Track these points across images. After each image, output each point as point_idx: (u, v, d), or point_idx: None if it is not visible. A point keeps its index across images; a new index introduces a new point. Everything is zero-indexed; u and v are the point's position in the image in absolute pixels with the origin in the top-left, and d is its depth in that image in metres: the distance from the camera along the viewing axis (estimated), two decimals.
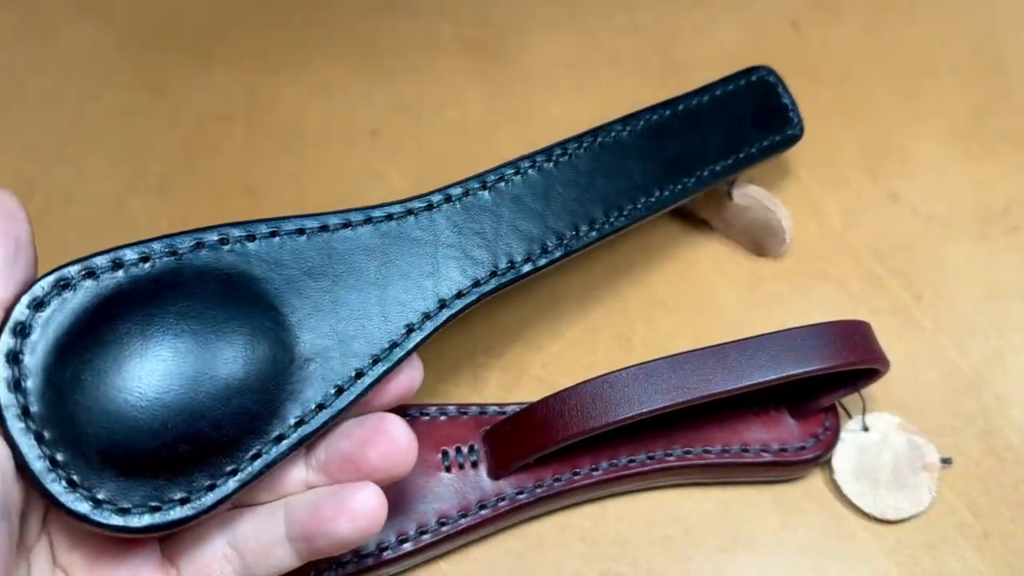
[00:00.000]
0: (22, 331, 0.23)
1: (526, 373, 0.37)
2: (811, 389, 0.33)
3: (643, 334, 0.38)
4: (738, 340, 0.30)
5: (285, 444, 0.25)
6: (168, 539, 0.25)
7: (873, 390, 0.36)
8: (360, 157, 0.44)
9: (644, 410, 0.29)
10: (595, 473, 0.32)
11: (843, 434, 0.34)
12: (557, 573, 0.32)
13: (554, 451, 0.31)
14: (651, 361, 0.30)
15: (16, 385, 0.22)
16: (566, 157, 0.33)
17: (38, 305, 0.23)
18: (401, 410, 0.33)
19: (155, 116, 0.45)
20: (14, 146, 0.44)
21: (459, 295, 0.29)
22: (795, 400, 0.34)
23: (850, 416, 0.35)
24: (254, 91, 0.46)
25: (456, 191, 0.30)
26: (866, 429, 0.34)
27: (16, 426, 0.22)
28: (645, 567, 0.32)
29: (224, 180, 0.43)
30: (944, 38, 0.49)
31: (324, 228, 0.28)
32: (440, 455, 0.32)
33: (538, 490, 0.31)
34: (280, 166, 0.43)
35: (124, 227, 0.41)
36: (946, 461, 0.34)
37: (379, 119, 0.45)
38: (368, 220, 0.29)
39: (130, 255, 0.25)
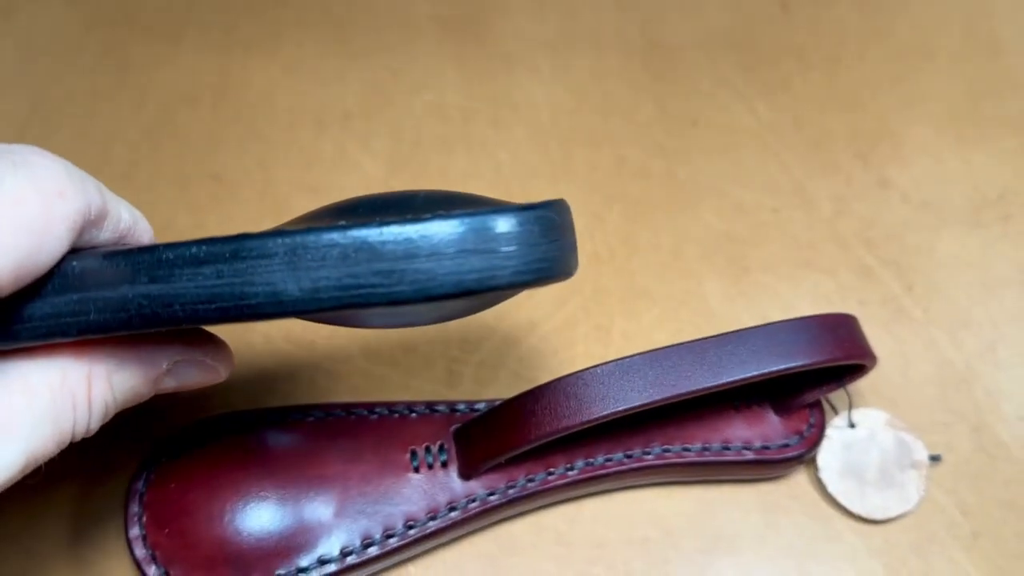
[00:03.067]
0: None
1: (503, 367, 0.36)
2: (795, 385, 0.32)
3: (623, 326, 0.37)
4: (718, 335, 0.29)
5: None
6: None
7: (861, 384, 0.35)
8: (332, 141, 0.42)
9: (619, 408, 0.28)
10: (570, 473, 0.31)
11: (829, 431, 0.33)
12: None
13: (527, 451, 0.30)
14: (627, 357, 0.28)
15: None
16: None
17: None
18: (368, 408, 0.32)
19: (120, 99, 0.43)
20: None
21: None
22: (778, 396, 0.32)
23: (836, 412, 0.33)
24: (223, 72, 0.45)
25: None
26: (852, 426, 0.33)
27: None
28: (622, 570, 0.31)
29: (190, 166, 0.41)
30: (939, 20, 0.47)
31: None
32: (408, 455, 0.31)
33: (511, 491, 0.30)
34: (249, 151, 0.42)
35: None
36: (935, 458, 0.33)
37: (352, 102, 0.44)
38: None
39: None
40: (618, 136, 0.43)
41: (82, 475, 0.32)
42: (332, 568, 0.28)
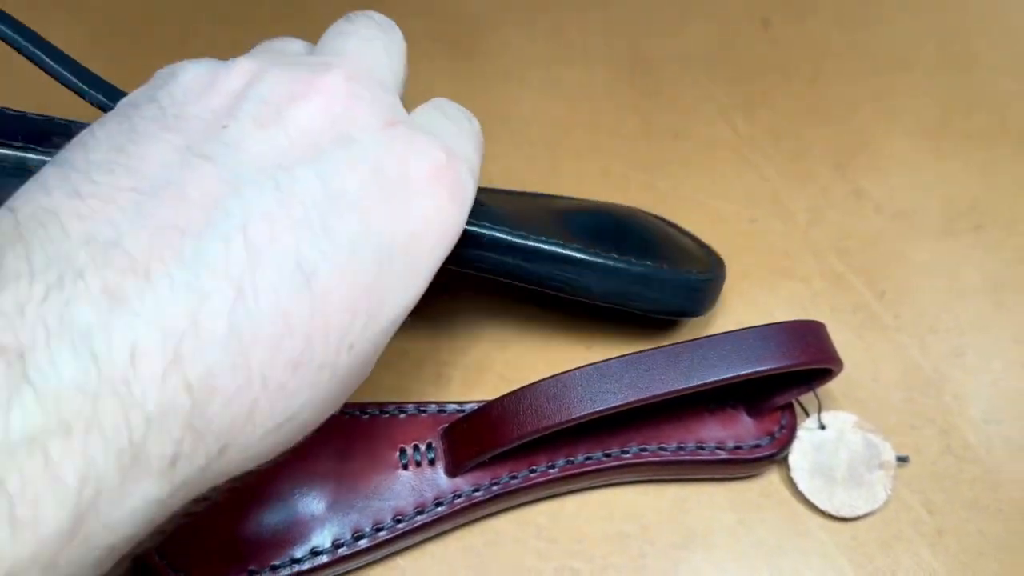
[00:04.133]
0: None
1: (489, 371, 0.37)
2: (766, 388, 0.33)
3: (604, 334, 0.38)
4: (691, 340, 0.30)
5: None
6: None
7: (831, 388, 0.36)
8: None
9: (597, 409, 0.29)
10: (552, 471, 0.32)
11: (800, 432, 0.34)
12: (514, 569, 0.32)
13: (510, 449, 0.31)
14: (604, 361, 0.30)
15: None
16: None
17: None
18: (359, 408, 0.33)
19: None
20: None
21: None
22: (751, 399, 0.34)
23: (807, 414, 0.35)
24: None
25: None
26: (823, 427, 0.35)
27: None
28: (601, 563, 0.32)
29: None
30: (915, 36, 0.49)
31: None
32: (398, 453, 0.32)
33: (495, 487, 0.32)
34: None
35: None
36: (902, 459, 0.34)
37: None
38: None
39: None
40: (604, 149, 0.44)
41: None
42: (324, 559, 0.30)
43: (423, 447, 0.32)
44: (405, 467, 0.32)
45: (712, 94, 0.46)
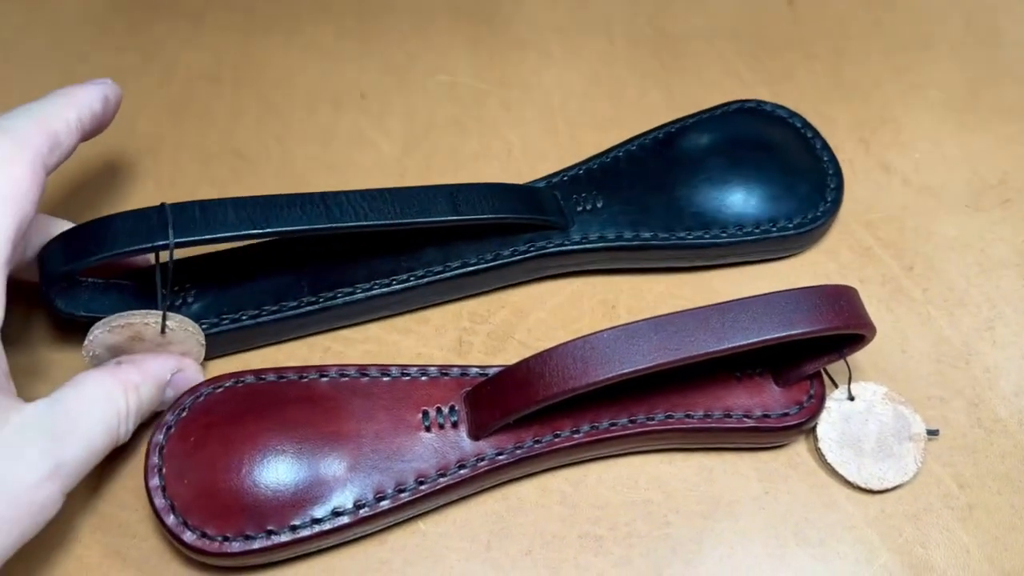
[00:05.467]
0: None
1: (511, 338, 0.37)
2: (795, 355, 0.33)
3: (628, 302, 0.38)
4: (721, 303, 0.30)
5: None
6: None
7: (860, 360, 0.35)
8: (349, 120, 0.44)
9: (625, 371, 0.29)
10: (576, 436, 0.32)
11: (828, 403, 0.34)
12: (537, 535, 0.32)
13: (535, 413, 0.31)
14: (633, 323, 0.29)
15: None
16: None
17: None
18: (382, 370, 0.33)
19: (144, 77, 0.45)
20: (2, 106, 0.43)
21: None
22: (779, 367, 0.33)
23: (836, 385, 0.34)
24: (244, 52, 0.46)
25: None
26: (852, 398, 0.34)
27: None
28: (624, 531, 0.32)
29: (212, 141, 0.42)
30: (940, 11, 0.49)
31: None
32: (420, 415, 0.32)
33: (518, 451, 0.31)
34: (268, 128, 0.43)
35: (112, 187, 0.41)
36: (932, 433, 0.34)
37: (368, 83, 0.45)
38: None
39: None
40: (625, 120, 0.44)
41: None
42: (345, 520, 0.29)
43: (446, 410, 0.32)
44: (428, 429, 0.31)
45: (736, 69, 0.46)
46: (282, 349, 0.36)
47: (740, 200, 0.38)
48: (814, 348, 0.32)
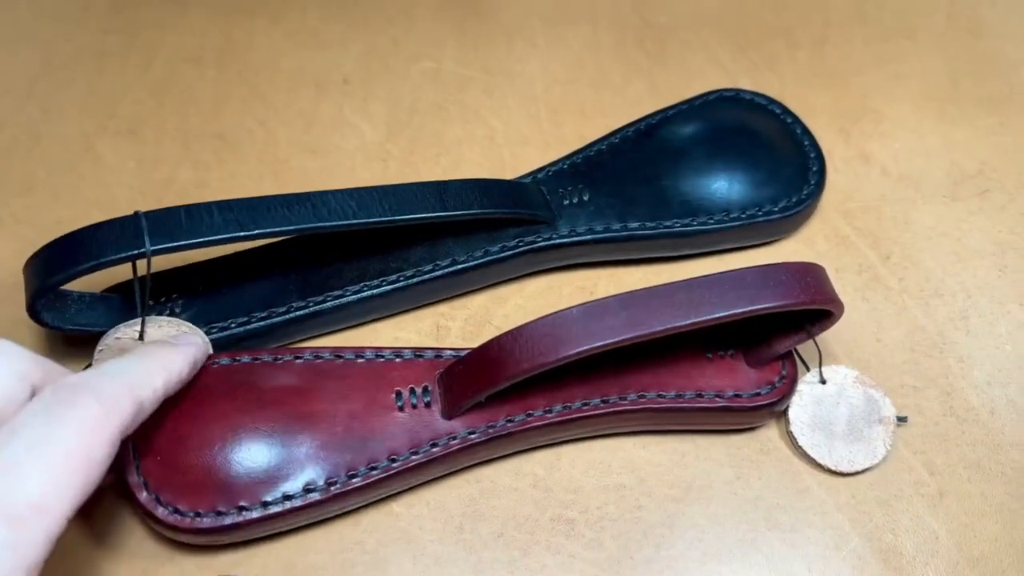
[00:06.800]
0: None
1: (488, 324, 0.37)
2: (764, 333, 0.33)
3: (606, 288, 0.38)
4: (689, 279, 0.30)
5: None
6: None
7: (834, 348, 0.36)
8: (331, 105, 0.44)
9: (594, 345, 0.29)
10: (549, 415, 0.32)
11: (800, 386, 0.34)
12: (509, 518, 0.32)
13: (507, 392, 0.31)
14: (601, 299, 0.30)
15: None
16: None
17: None
18: (356, 352, 0.33)
19: (127, 58, 0.45)
20: None
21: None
22: (750, 346, 0.34)
23: (808, 368, 0.35)
24: (227, 35, 0.46)
25: None
26: (823, 382, 0.34)
27: None
28: (596, 514, 0.32)
29: (194, 124, 0.42)
30: (923, 2, 0.49)
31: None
32: (394, 395, 0.32)
33: (490, 430, 0.31)
34: (251, 111, 0.43)
35: (92, 168, 0.41)
36: (902, 419, 0.34)
37: (352, 67, 0.45)
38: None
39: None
40: (608, 108, 0.44)
41: None
42: (317, 496, 0.29)
43: (419, 390, 0.32)
44: (401, 409, 0.32)
45: (718, 58, 0.46)
46: None
47: (725, 187, 0.38)
48: (782, 326, 0.32)
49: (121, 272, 0.34)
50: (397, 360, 0.33)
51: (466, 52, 0.46)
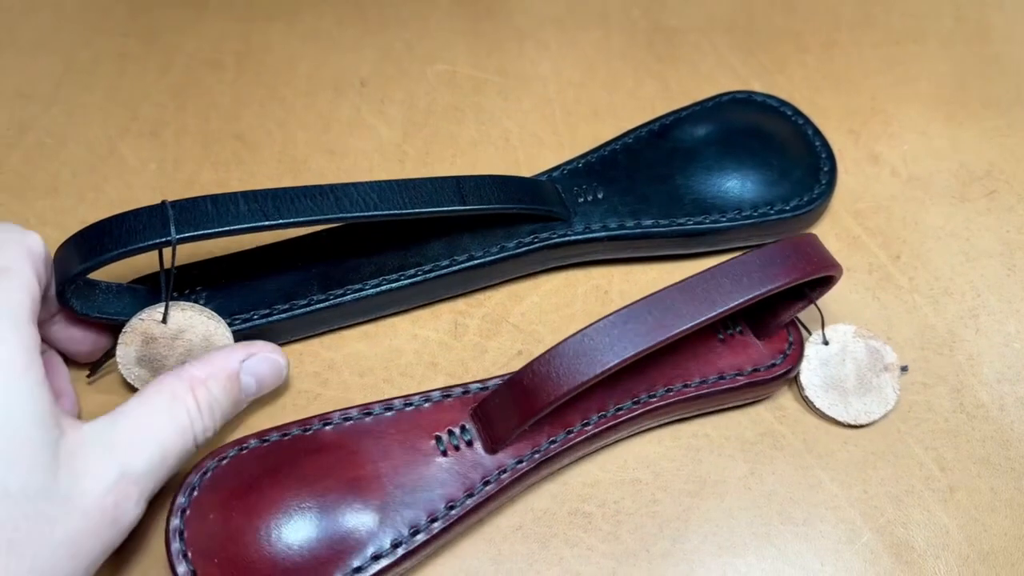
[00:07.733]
0: None
1: (505, 321, 0.37)
2: (769, 306, 0.34)
3: (620, 286, 0.39)
4: (699, 273, 0.31)
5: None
6: None
7: None
8: (349, 107, 0.44)
9: (629, 354, 0.29)
10: (588, 428, 0.32)
11: (807, 350, 0.35)
12: (527, 511, 0.32)
13: (545, 415, 0.30)
14: (623, 308, 0.30)
15: None
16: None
17: None
18: (385, 404, 0.32)
19: (147, 62, 0.46)
20: (7, 89, 0.44)
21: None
22: (757, 321, 0.35)
23: (810, 332, 0.36)
24: (246, 39, 0.47)
25: None
26: (826, 342, 0.35)
27: None
28: (613, 508, 0.33)
29: (214, 126, 0.43)
30: (931, 5, 0.49)
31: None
32: (434, 441, 0.32)
33: (536, 455, 0.31)
34: (269, 113, 0.44)
35: (115, 170, 0.41)
36: (904, 369, 0.36)
37: (368, 70, 0.46)
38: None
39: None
40: (620, 110, 0.44)
41: None
42: (386, 562, 0.29)
43: (457, 431, 0.32)
44: (444, 454, 0.31)
45: (729, 61, 0.47)
46: (292, 348, 0.36)
47: (737, 186, 0.39)
48: (785, 296, 0.33)
49: (146, 265, 0.35)
50: (427, 405, 0.32)
51: (480, 55, 0.47)
